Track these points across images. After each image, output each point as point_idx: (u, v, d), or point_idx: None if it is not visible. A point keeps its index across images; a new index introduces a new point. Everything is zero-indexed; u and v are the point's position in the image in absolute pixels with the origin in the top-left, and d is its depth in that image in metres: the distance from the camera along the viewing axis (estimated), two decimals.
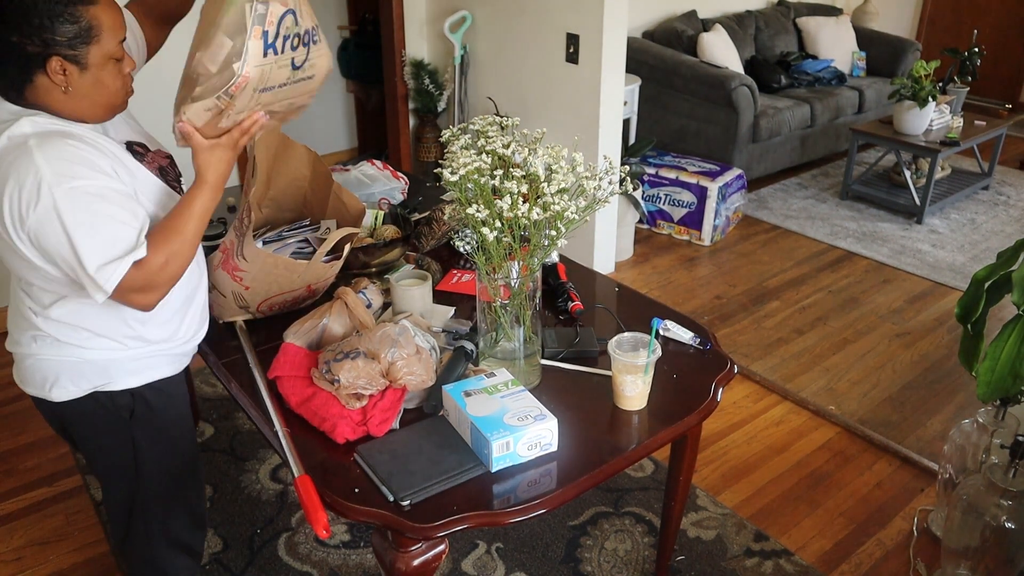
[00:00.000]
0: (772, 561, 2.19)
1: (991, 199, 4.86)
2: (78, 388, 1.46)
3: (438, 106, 4.27)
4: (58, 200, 1.23)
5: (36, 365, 1.45)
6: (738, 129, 4.50)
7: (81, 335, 1.42)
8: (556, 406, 1.47)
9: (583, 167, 1.49)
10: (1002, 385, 1.82)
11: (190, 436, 1.67)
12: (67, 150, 1.27)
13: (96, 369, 1.45)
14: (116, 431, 1.52)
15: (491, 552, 2.20)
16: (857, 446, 2.67)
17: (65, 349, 1.43)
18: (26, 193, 1.23)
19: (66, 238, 1.25)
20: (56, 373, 1.45)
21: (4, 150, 1.26)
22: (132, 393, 1.50)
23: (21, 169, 1.23)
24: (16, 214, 1.24)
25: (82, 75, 1.29)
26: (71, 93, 1.30)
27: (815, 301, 3.61)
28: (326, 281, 1.79)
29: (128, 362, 1.48)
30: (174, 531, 1.67)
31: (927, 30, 6.94)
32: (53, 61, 1.25)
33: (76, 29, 1.25)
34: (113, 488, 1.61)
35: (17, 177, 1.23)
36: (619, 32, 3.30)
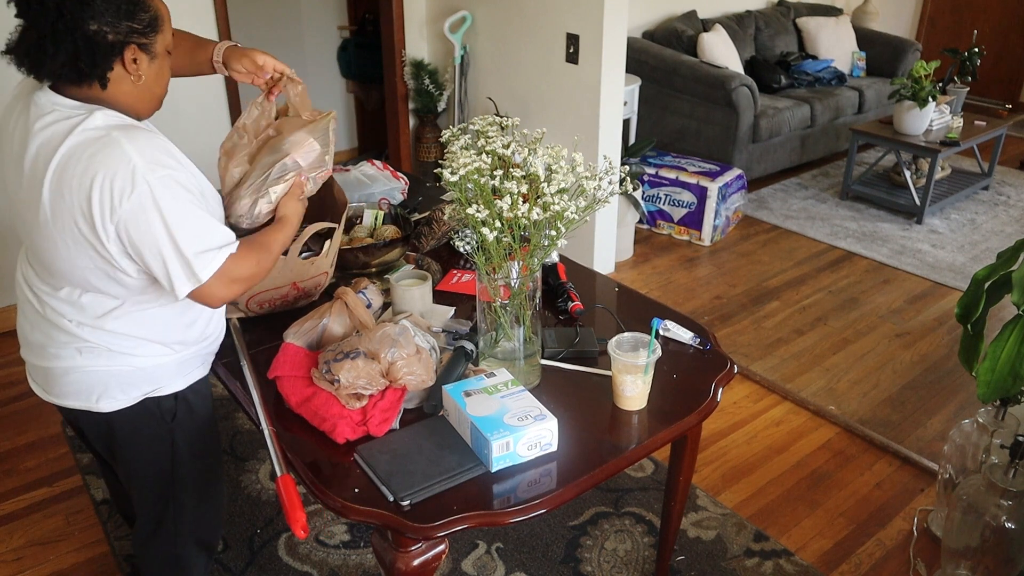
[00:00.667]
0: (772, 561, 2.19)
1: (991, 199, 4.86)
2: (128, 397, 1.46)
3: (438, 106, 4.27)
4: (154, 187, 1.24)
5: (82, 378, 1.43)
6: (738, 129, 4.50)
7: (133, 343, 1.42)
8: (556, 406, 1.47)
9: (583, 167, 1.49)
10: (1002, 385, 1.82)
11: (217, 435, 1.70)
12: (153, 140, 1.29)
13: (146, 376, 1.46)
14: (160, 435, 1.53)
15: (491, 552, 2.20)
16: (857, 446, 2.67)
17: (116, 359, 1.42)
18: (119, 182, 1.22)
19: (163, 225, 1.25)
20: (105, 384, 1.44)
21: (83, 143, 1.25)
22: (176, 396, 1.52)
23: (111, 160, 1.23)
24: (107, 205, 1.23)
25: (150, 65, 1.32)
26: (140, 84, 1.32)
27: (815, 301, 3.61)
28: (315, 280, 1.78)
29: (173, 366, 1.50)
30: (201, 530, 1.69)
31: (927, 30, 6.94)
32: (129, 50, 1.27)
33: (148, 17, 1.29)
34: (148, 491, 1.60)
35: (107, 168, 1.23)
36: (619, 32, 3.30)
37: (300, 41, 5.11)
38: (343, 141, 5.50)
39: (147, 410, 1.49)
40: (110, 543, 2.23)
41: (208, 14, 3.47)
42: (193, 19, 3.44)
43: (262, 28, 4.90)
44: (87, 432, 1.59)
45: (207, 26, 3.48)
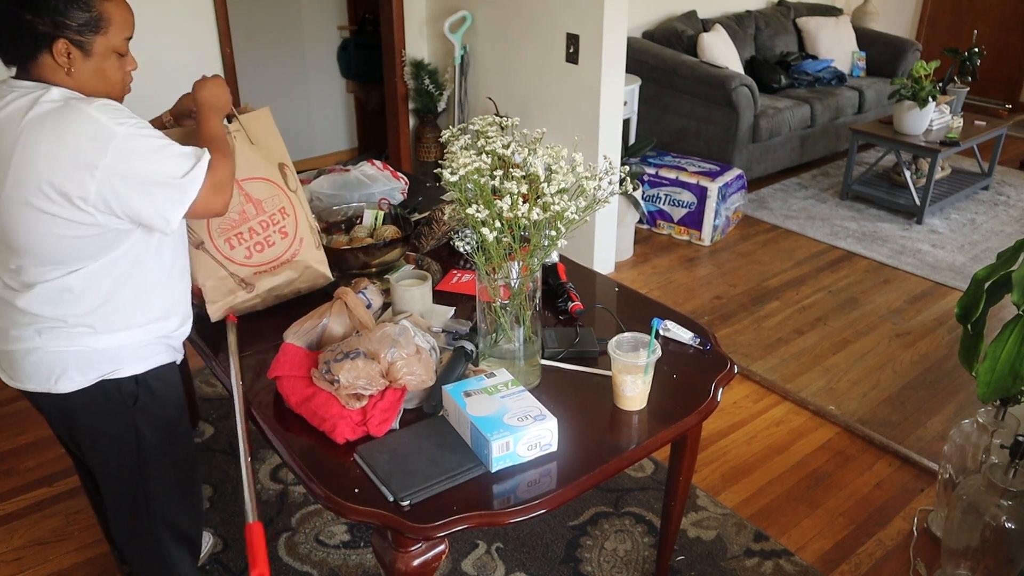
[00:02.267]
0: (772, 561, 2.19)
1: (991, 199, 4.86)
2: (86, 378, 1.48)
3: (438, 106, 4.27)
4: (129, 132, 1.34)
5: (41, 359, 1.46)
6: (738, 129, 4.50)
7: (91, 322, 1.45)
8: (556, 406, 1.47)
9: (583, 167, 1.49)
10: (1002, 385, 1.82)
11: (187, 426, 1.71)
12: (108, 103, 1.37)
13: (105, 357, 1.48)
14: (120, 420, 1.54)
15: (491, 552, 2.20)
16: (857, 446, 2.67)
17: (75, 339, 1.45)
18: (94, 137, 1.31)
19: (146, 163, 1.34)
20: (64, 364, 1.46)
21: (45, 114, 1.32)
22: (137, 380, 1.53)
23: (78, 121, 1.31)
24: (86, 161, 1.30)
25: (85, 61, 1.37)
26: (73, 75, 1.37)
27: (815, 301, 3.61)
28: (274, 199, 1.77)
29: (135, 348, 1.51)
30: (179, 524, 1.70)
31: (927, 30, 6.94)
32: (60, 43, 1.34)
33: (87, 17, 1.35)
34: (116, 481, 1.62)
35: (78, 128, 1.30)
36: (619, 32, 3.30)
37: (300, 41, 5.11)
38: (343, 141, 5.50)
39: (106, 392, 1.50)
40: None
41: (208, 14, 3.47)
42: (193, 19, 3.44)
43: (262, 28, 4.90)
44: (50, 419, 1.60)
45: (207, 26, 3.48)
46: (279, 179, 1.77)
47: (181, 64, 3.47)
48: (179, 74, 3.48)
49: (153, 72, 3.41)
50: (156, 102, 3.68)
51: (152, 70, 3.41)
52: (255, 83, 4.94)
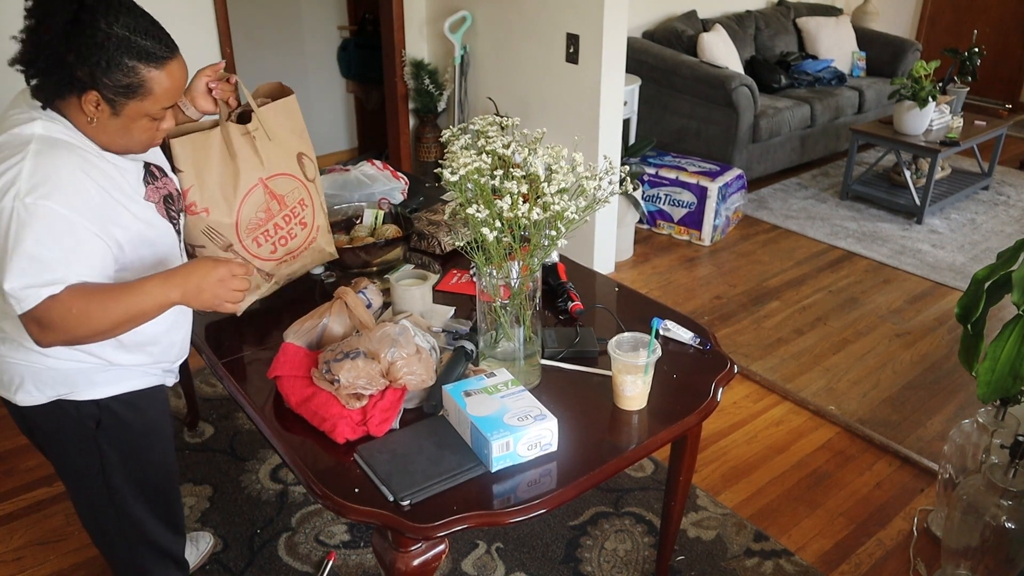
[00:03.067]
0: (772, 561, 2.19)
1: (991, 199, 4.86)
2: (42, 395, 1.41)
3: (438, 106, 4.27)
4: (16, 209, 1.21)
5: (3, 366, 1.41)
6: (738, 129, 4.50)
7: None
8: (556, 406, 1.47)
9: (583, 167, 1.49)
10: (1002, 385, 1.82)
11: (165, 446, 1.60)
12: (59, 168, 1.26)
13: (60, 377, 1.41)
14: (81, 439, 1.47)
15: (491, 552, 2.20)
16: (857, 446, 2.67)
17: (30, 354, 1.38)
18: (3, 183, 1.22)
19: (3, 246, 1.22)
20: (21, 376, 1.40)
21: (5, 142, 1.26)
22: (98, 404, 1.45)
23: (5, 166, 1.23)
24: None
25: (112, 118, 1.30)
26: (95, 125, 1.30)
27: (815, 301, 3.61)
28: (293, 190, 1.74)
29: (93, 373, 1.43)
30: (158, 542, 1.63)
31: (927, 30, 6.94)
32: (91, 94, 1.26)
33: (127, 83, 1.27)
34: (79, 494, 1.56)
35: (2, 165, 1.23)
36: (619, 32, 3.30)
37: (300, 41, 5.11)
38: (343, 141, 5.50)
39: (63, 411, 1.43)
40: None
41: (208, 14, 3.47)
42: (193, 19, 3.44)
43: (262, 28, 4.90)
44: (17, 425, 1.53)
45: (207, 26, 3.48)
46: (298, 171, 1.77)
47: None
48: None
49: None
50: None
51: None
52: (255, 83, 4.93)
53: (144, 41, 1.27)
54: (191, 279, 1.34)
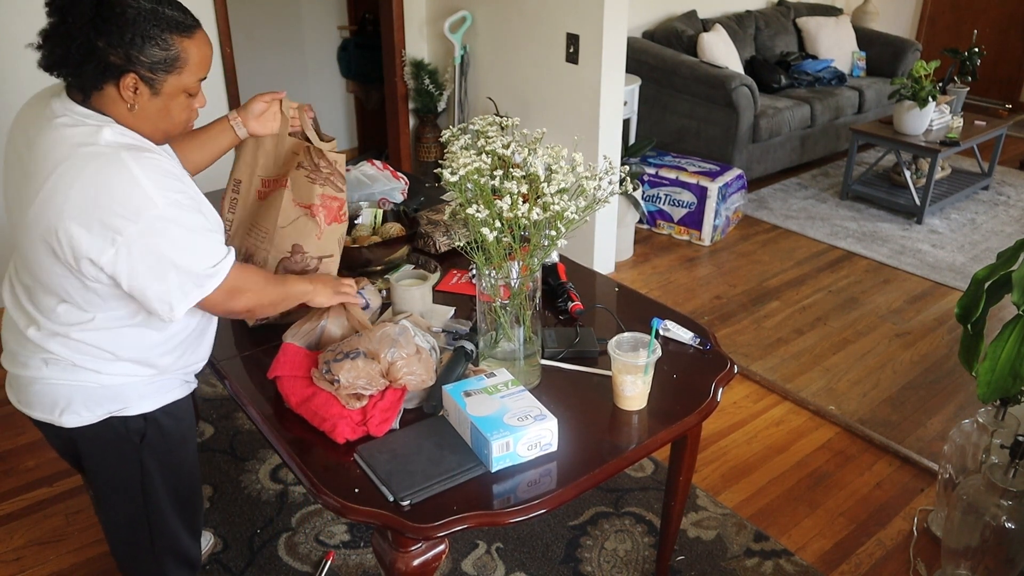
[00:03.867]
0: (772, 561, 2.19)
1: (991, 199, 4.86)
2: (92, 414, 1.42)
3: (438, 106, 4.27)
4: (165, 210, 1.25)
5: (45, 390, 1.41)
6: (738, 129, 4.50)
7: (100, 361, 1.39)
8: (556, 406, 1.47)
9: (583, 167, 1.49)
10: (1002, 385, 1.82)
11: (195, 456, 1.64)
12: (159, 163, 1.28)
13: (111, 394, 1.42)
14: (126, 456, 1.49)
15: (491, 552, 2.20)
16: (857, 446, 2.67)
17: (81, 374, 1.39)
18: (126, 203, 1.22)
19: (171, 247, 1.26)
20: (68, 398, 1.40)
21: (89, 155, 1.23)
22: (145, 418, 1.47)
23: (116, 179, 1.22)
24: (109, 223, 1.22)
25: (152, 99, 1.29)
26: (135, 112, 1.30)
27: (815, 301, 3.61)
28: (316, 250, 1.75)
29: (142, 386, 1.45)
30: (180, 549, 1.65)
31: (927, 30, 6.94)
32: (128, 77, 1.25)
33: (163, 56, 1.26)
34: (116, 509, 1.56)
35: (111, 187, 1.22)
36: (619, 32, 3.30)
37: (300, 41, 5.11)
38: (343, 141, 5.50)
39: (112, 429, 1.44)
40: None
41: (208, 14, 3.47)
42: None
43: (262, 28, 4.90)
44: (53, 445, 1.55)
45: (207, 26, 3.48)
46: None
47: None
48: None
49: None
50: None
51: None
52: (255, 83, 4.94)
53: (171, 12, 1.27)
54: (320, 279, 1.61)
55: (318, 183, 1.69)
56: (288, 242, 1.68)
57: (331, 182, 1.70)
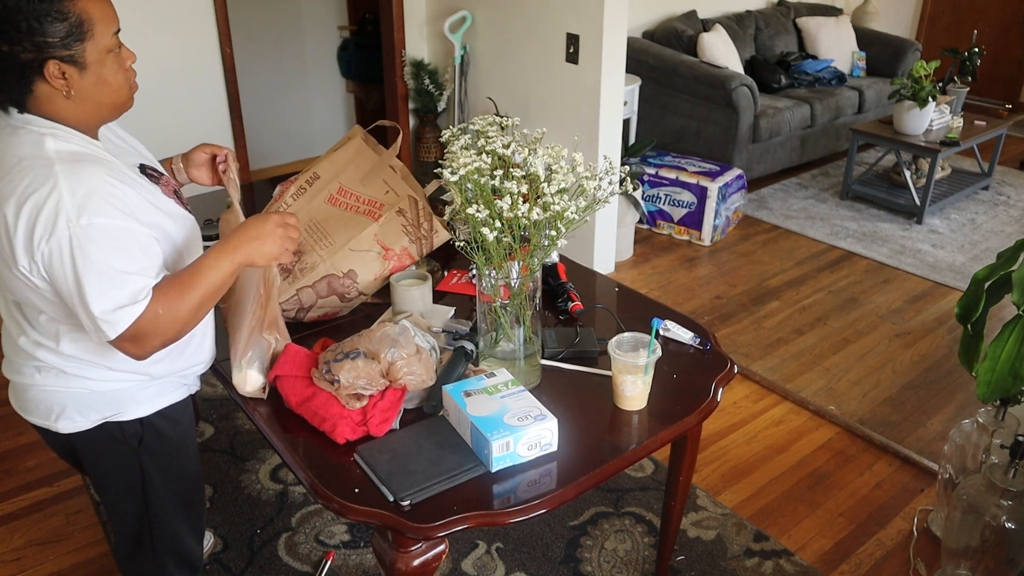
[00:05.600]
0: (772, 561, 2.19)
1: (991, 199, 4.86)
2: (86, 420, 1.40)
3: (438, 106, 4.27)
4: (74, 235, 1.17)
5: (40, 396, 1.40)
6: (738, 129, 4.50)
7: (88, 368, 1.37)
8: (556, 406, 1.47)
9: (583, 167, 1.49)
10: (1002, 385, 1.82)
11: (195, 457, 1.62)
12: (93, 181, 1.21)
13: (105, 400, 1.40)
14: (123, 458, 1.47)
15: (491, 552, 2.20)
16: (857, 446, 2.67)
17: (72, 381, 1.38)
18: (43, 220, 1.17)
19: (74, 276, 1.19)
20: (62, 404, 1.39)
21: (27, 162, 1.20)
22: (142, 422, 1.45)
23: (42, 193, 1.17)
24: (29, 238, 1.18)
25: (83, 76, 1.23)
26: (75, 97, 1.25)
27: (815, 301, 3.61)
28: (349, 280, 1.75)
29: (137, 392, 1.43)
30: (182, 550, 1.64)
31: (927, 30, 6.94)
32: (50, 65, 1.20)
33: (67, 27, 1.19)
34: (120, 511, 1.56)
35: (36, 200, 1.17)
36: (619, 32, 3.30)
37: (300, 41, 5.11)
38: None
39: (108, 434, 1.42)
40: (110, 543, 2.23)
41: (208, 14, 3.47)
42: (193, 19, 3.44)
43: (262, 28, 4.90)
44: (53, 448, 1.53)
45: (207, 26, 3.48)
46: None
47: (181, 64, 3.47)
48: (179, 74, 3.49)
49: (153, 72, 3.41)
50: (155, 102, 3.70)
51: (152, 70, 3.41)
52: (255, 83, 4.94)
53: None
54: (247, 237, 1.34)
55: (410, 237, 1.75)
56: (348, 265, 1.72)
57: (420, 243, 1.76)
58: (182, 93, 3.50)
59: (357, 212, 1.77)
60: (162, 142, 3.51)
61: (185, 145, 1.65)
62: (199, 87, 3.54)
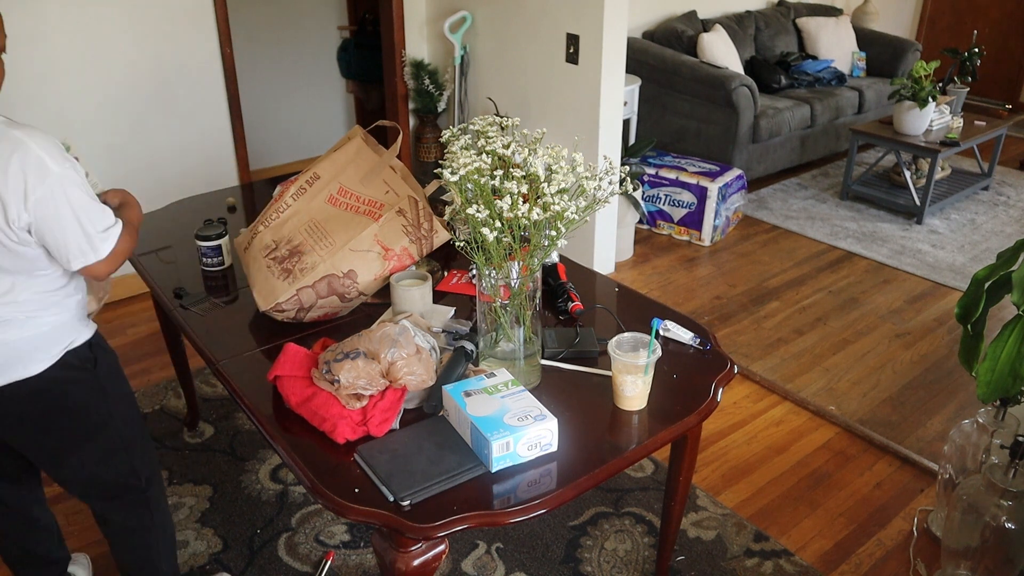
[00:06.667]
0: (772, 561, 2.19)
1: (991, 199, 4.86)
2: (51, 354, 1.57)
3: (438, 106, 4.27)
4: (61, 176, 1.42)
5: (7, 351, 1.53)
6: (738, 129, 4.50)
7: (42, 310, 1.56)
8: (556, 406, 1.47)
9: (583, 167, 1.49)
10: (1002, 385, 1.82)
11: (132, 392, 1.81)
12: (45, 138, 1.44)
13: (61, 332, 1.59)
14: (91, 387, 1.65)
15: (491, 552, 2.20)
16: (857, 446, 2.67)
17: (29, 326, 1.54)
18: (33, 170, 1.39)
19: (69, 208, 1.44)
20: (31, 349, 1.55)
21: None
22: (91, 345, 1.64)
23: (21, 151, 1.39)
24: (23, 189, 1.39)
25: None
26: None
27: (815, 301, 3.61)
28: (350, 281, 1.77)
29: (76, 322, 1.63)
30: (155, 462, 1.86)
31: (927, 30, 6.94)
32: None
33: None
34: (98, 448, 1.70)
35: (20, 158, 1.39)
36: (619, 32, 3.30)
37: (300, 41, 5.11)
38: None
39: (70, 365, 1.60)
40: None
41: (208, 14, 3.47)
42: (193, 19, 3.44)
43: (262, 28, 4.90)
44: (24, 418, 1.61)
45: (207, 26, 3.48)
46: None
47: (181, 64, 3.47)
48: (179, 74, 3.49)
49: (153, 72, 3.41)
50: (156, 102, 3.70)
51: (152, 71, 3.41)
52: (255, 83, 4.94)
53: None
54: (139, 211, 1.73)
55: (410, 237, 1.75)
56: (348, 265, 1.73)
57: (420, 243, 1.75)
58: (182, 93, 3.50)
59: (357, 212, 1.77)
60: (162, 142, 3.53)
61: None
62: (199, 87, 3.54)
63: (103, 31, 3.19)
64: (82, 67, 3.20)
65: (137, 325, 3.37)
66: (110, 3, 3.18)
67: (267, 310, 1.74)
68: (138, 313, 3.45)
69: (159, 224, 2.34)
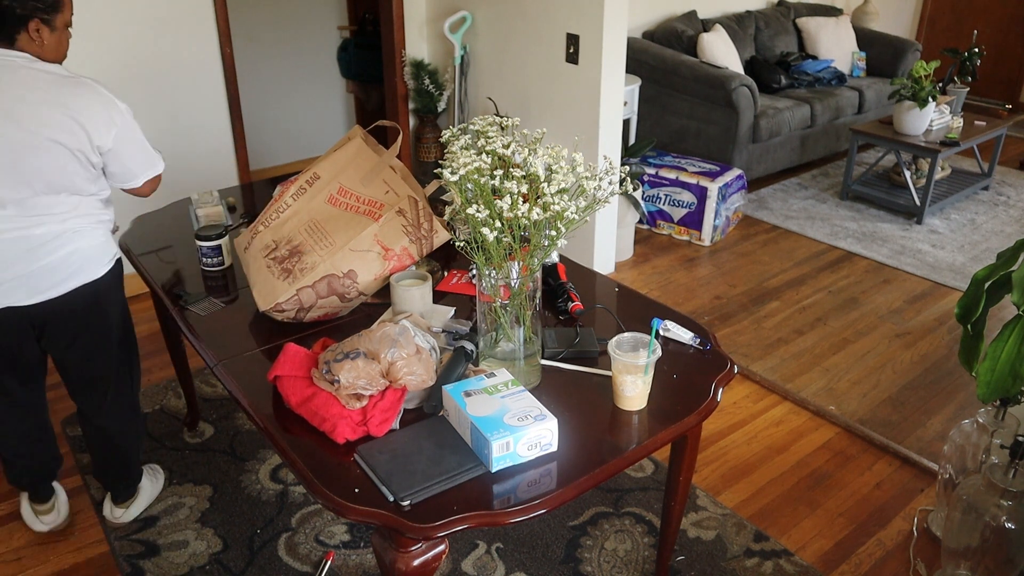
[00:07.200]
0: (772, 561, 2.19)
1: (991, 199, 4.86)
2: (109, 257, 1.95)
3: (438, 106, 4.27)
4: (128, 110, 1.85)
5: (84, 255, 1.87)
6: (738, 129, 4.50)
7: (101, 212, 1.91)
8: (556, 406, 1.47)
9: (583, 167, 1.49)
10: (1002, 385, 1.82)
11: None
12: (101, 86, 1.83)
13: (109, 243, 1.95)
14: (119, 290, 2.03)
15: (491, 552, 2.20)
16: (857, 446, 2.67)
17: (96, 234, 1.90)
18: (110, 106, 1.79)
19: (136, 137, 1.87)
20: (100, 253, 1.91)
21: (66, 81, 1.76)
22: (119, 259, 2.02)
23: (102, 94, 1.79)
24: (105, 122, 1.77)
25: (51, 35, 1.78)
26: (43, 48, 1.78)
27: (815, 301, 3.61)
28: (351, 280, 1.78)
29: (112, 236, 2.00)
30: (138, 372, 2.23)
31: (927, 30, 6.94)
32: (32, 22, 1.74)
33: (52, 1, 1.75)
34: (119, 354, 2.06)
35: (103, 99, 1.78)
36: (619, 32, 3.30)
37: (300, 41, 5.11)
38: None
39: (114, 272, 1.99)
40: (110, 543, 2.23)
41: (208, 14, 3.47)
42: (193, 19, 3.44)
43: (262, 28, 4.90)
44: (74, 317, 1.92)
45: (207, 26, 3.48)
46: None
47: (181, 64, 3.47)
48: (179, 74, 3.49)
49: (154, 72, 3.41)
50: (157, 101, 3.70)
51: (152, 70, 3.41)
52: (255, 83, 4.94)
53: None
54: None
55: (410, 237, 1.75)
56: (348, 265, 1.73)
57: (420, 243, 1.75)
58: (182, 93, 3.50)
59: (357, 212, 1.77)
60: (162, 142, 3.52)
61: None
62: (199, 87, 3.54)
63: (103, 31, 3.19)
64: (82, 66, 3.20)
65: (137, 325, 3.36)
66: (110, 3, 3.18)
67: (267, 310, 1.74)
68: (138, 313, 3.45)
69: (159, 224, 2.34)
